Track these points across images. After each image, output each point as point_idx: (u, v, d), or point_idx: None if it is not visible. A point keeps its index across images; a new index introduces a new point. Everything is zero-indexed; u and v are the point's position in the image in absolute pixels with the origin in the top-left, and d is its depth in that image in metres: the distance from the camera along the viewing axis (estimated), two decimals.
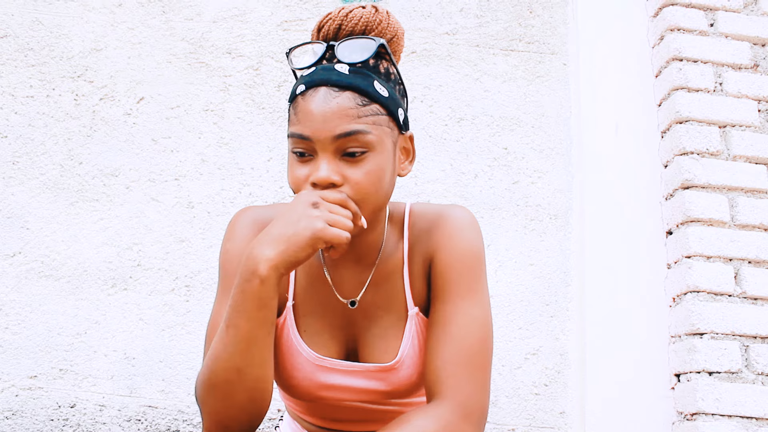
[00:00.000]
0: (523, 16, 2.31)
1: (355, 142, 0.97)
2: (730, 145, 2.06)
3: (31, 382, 1.86)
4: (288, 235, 0.91)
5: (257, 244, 0.93)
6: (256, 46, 2.19)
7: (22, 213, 1.98)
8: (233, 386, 0.93)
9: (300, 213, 0.93)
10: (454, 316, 1.03)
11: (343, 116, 0.97)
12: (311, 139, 0.97)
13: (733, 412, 1.81)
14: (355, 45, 1.02)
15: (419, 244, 1.11)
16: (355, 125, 0.97)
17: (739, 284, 1.94)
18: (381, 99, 1.01)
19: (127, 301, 1.94)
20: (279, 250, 0.91)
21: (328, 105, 0.97)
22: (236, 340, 0.92)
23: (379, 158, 1.00)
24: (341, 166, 0.98)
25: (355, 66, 1.01)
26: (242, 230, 1.10)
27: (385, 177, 1.01)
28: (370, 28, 1.05)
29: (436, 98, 2.20)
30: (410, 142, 1.10)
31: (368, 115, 0.99)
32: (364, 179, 0.98)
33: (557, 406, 1.97)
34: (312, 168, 0.99)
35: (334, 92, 0.98)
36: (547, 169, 2.17)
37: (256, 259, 0.91)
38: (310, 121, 0.97)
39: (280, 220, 0.94)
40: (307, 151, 0.99)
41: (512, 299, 2.04)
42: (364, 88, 0.99)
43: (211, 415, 0.95)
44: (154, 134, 2.09)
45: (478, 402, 0.98)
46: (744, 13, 2.19)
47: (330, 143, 0.97)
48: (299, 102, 1.00)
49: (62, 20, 2.16)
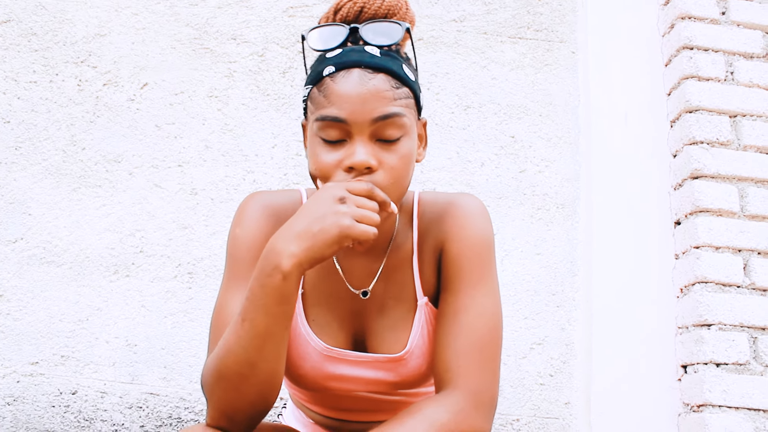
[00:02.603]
0: (532, 3, 2.28)
1: (392, 126, 0.96)
2: (740, 134, 2.04)
3: (32, 369, 1.85)
4: (314, 231, 0.87)
5: (280, 239, 0.89)
6: (261, 32, 2.17)
7: (24, 199, 1.97)
8: (245, 379, 0.90)
9: (326, 208, 0.89)
10: (464, 306, 1.01)
11: (380, 98, 0.95)
12: (347, 122, 0.94)
13: (740, 404, 1.79)
14: (383, 28, 1.00)
15: (429, 233, 1.09)
16: (392, 108, 0.96)
17: (748, 275, 1.91)
18: (410, 82, 1.00)
19: (129, 288, 1.92)
20: (304, 247, 0.87)
21: (365, 86, 0.95)
22: (252, 335, 0.88)
23: (411, 143, 0.99)
24: (376, 150, 0.96)
25: (384, 49, 1.00)
26: (252, 215, 1.08)
27: (413, 162, 1.01)
28: (392, 12, 1.03)
29: (442, 86, 2.18)
30: (424, 129, 1.09)
31: (402, 98, 0.98)
32: (398, 164, 0.96)
33: (562, 397, 1.95)
34: (345, 152, 0.96)
35: (369, 74, 0.96)
36: (555, 157, 2.14)
37: (279, 253, 0.87)
38: (346, 102, 0.94)
39: (305, 215, 0.89)
40: (340, 136, 0.96)
41: (518, 289, 2.02)
42: (396, 71, 0.98)
43: (217, 405, 0.93)
44: (158, 120, 2.07)
45: (488, 391, 0.97)
46: (756, 1, 2.16)
47: (367, 126, 0.95)
48: (329, 84, 0.97)
49: (66, 5, 2.14)
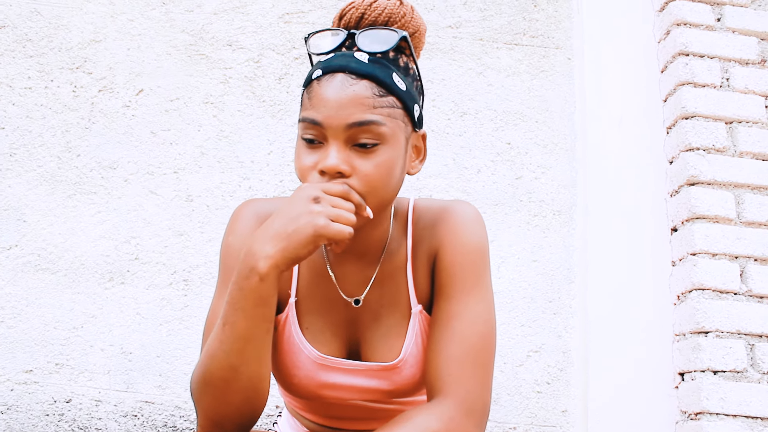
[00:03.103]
0: (528, 9, 2.28)
1: (368, 133, 0.95)
2: (736, 141, 2.04)
3: (26, 377, 1.83)
4: (288, 231, 0.88)
5: (256, 240, 0.90)
6: (256, 39, 2.17)
7: (18, 205, 1.96)
8: (229, 384, 0.90)
9: (301, 208, 0.90)
10: (457, 313, 1.01)
11: (358, 105, 0.94)
12: (323, 125, 0.95)
13: (738, 411, 1.78)
14: (377, 35, 1.00)
15: (423, 240, 1.09)
16: (369, 115, 0.95)
17: (745, 282, 1.91)
18: (398, 92, 0.99)
19: (124, 296, 1.92)
20: (279, 247, 0.88)
21: (345, 92, 0.95)
22: (233, 338, 0.89)
23: (391, 152, 0.97)
24: (351, 156, 0.95)
25: (375, 56, 0.99)
26: (245, 223, 1.08)
27: (394, 172, 0.99)
28: (393, 20, 1.03)
29: (438, 92, 2.17)
30: (422, 141, 1.08)
31: (384, 107, 0.96)
32: (373, 171, 0.95)
33: (559, 405, 1.94)
34: (321, 155, 0.96)
35: (352, 80, 0.96)
36: (551, 164, 2.14)
37: (255, 255, 0.88)
38: (324, 106, 0.95)
39: (280, 216, 0.90)
40: (317, 138, 0.96)
41: (515, 296, 2.01)
42: (383, 79, 0.97)
43: (205, 413, 0.93)
44: (153, 127, 2.06)
45: (480, 399, 0.96)
46: (751, 7, 2.16)
47: (342, 131, 0.94)
48: (314, 87, 0.98)
49: (61, 11, 2.13)
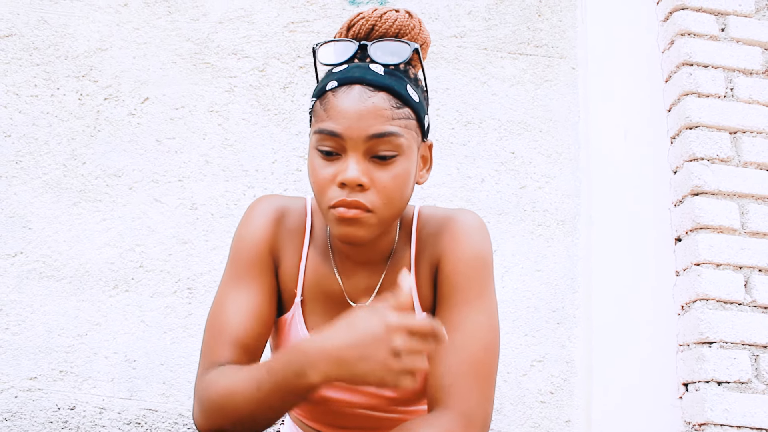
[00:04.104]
0: (532, 19, 2.29)
1: (388, 145, 0.96)
2: (740, 151, 2.03)
3: (30, 384, 1.84)
4: (355, 368, 0.82)
5: (319, 350, 0.84)
6: (262, 47, 2.18)
7: (24, 213, 1.97)
8: (243, 425, 0.91)
9: (378, 355, 0.81)
10: (459, 323, 1.01)
11: (378, 116, 0.95)
12: (342, 137, 0.95)
13: (742, 423, 1.78)
14: (390, 47, 1.01)
15: (427, 248, 1.09)
16: (389, 126, 0.95)
17: (749, 292, 1.91)
18: (412, 103, 1.00)
19: (128, 303, 1.92)
20: (338, 374, 0.83)
21: (364, 104, 0.95)
22: (264, 408, 0.89)
23: (407, 163, 0.99)
24: (370, 168, 0.96)
25: (389, 68, 1.00)
26: (259, 218, 1.10)
27: (409, 183, 1.00)
28: (403, 32, 1.03)
29: (443, 101, 2.18)
30: (429, 151, 1.09)
31: (401, 118, 0.97)
32: (391, 183, 0.96)
33: (563, 415, 1.94)
34: (339, 167, 0.96)
35: (370, 91, 0.96)
36: (555, 174, 2.14)
37: (314, 366, 0.83)
38: (343, 118, 0.95)
39: (354, 344, 0.82)
40: (335, 150, 0.97)
41: (518, 305, 2.01)
42: (399, 91, 0.98)
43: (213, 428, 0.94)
44: (159, 135, 2.07)
45: (481, 412, 0.96)
46: (756, 18, 2.16)
47: (362, 143, 0.95)
48: (330, 98, 0.98)
49: (68, 20, 2.15)
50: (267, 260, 1.09)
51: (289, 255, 1.11)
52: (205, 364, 1.00)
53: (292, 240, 1.11)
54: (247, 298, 1.05)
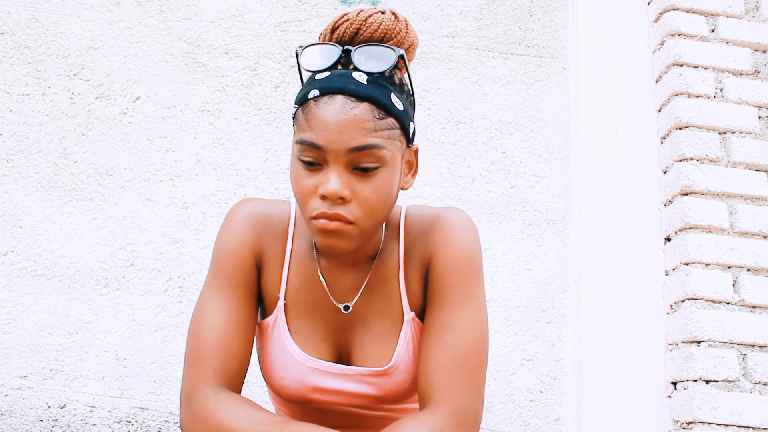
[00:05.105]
0: (523, 19, 2.29)
1: (370, 157, 0.94)
2: (730, 151, 2.04)
3: (20, 382, 1.84)
4: None
5: None
6: (253, 47, 2.18)
7: (15, 211, 1.97)
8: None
9: None
10: (449, 322, 1.01)
11: (359, 129, 0.93)
12: (324, 149, 0.94)
13: (729, 421, 1.79)
14: (374, 53, 0.98)
15: (415, 248, 1.09)
16: (371, 139, 0.94)
17: (738, 292, 1.92)
18: (396, 112, 0.98)
19: (119, 302, 1.92)
20: None
21: (345, 115, 0.93)
22: None
23: (389, 174, 0.97)
24: (351, 180, 0.95)
25: (374, 76, 0.97)
26: (239, 223, 1.09)
27: (392, 193, 0.99)
28: (389, 36, 1.01)
29: (434, 101, 2.18)
30: (415, 156, 1.08)
31: (383, 129, 0.96)
32: (373, 195, 0.96)
33: (552, 413, 1.95)
34: (320, 179, 0.95)
35: (352, 102, 0.94)
36: (546, 173, 2.15)
37: None
38: (324, 130, 0.93)
39: None
40: (317, 161, 0.95)
41: (508, 304, 2.02)
42: (382, 101, 0.96)
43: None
44: (150, 134, 2.07)
45: (471, 409, 0.96)
46: (745, 19, 2.18)
47: (343, 155, 0.93)
48: (311, 108, 0.96)
49: (59, 18, 2.15)
50: (249, 265, 1.08)
51: (272, 259, 1.10)
52: (196, 376, 1.00)
53: (275, 243, 1.10)
54: (229, 307, 1.04)
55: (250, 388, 1.76)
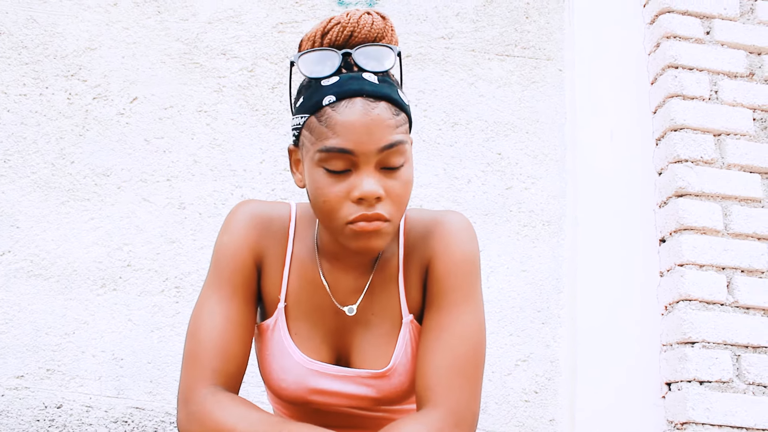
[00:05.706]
0: (519, 21, 2.30)
1: (396, 154, 0.96)
2: (724, 153, 2.05)
3: (17, 382, 1.84)
4: None
5: None
6: (250, 48, 2.19)
7: (12, 211, 1.97)
8: None
9: None
10: (448, 324, 1.02)
11: (384, 127, 0.94)
12: (354, 153, 0.94)
13: (723, 422, 1.80)
14: (374, 53, 0.99)
15: (415, 250, 1.10)
16: (396, 136, 0.95)
17: (732, 293, 1.93)
18: (406, 108, 1.00)
19: (116, 302, 1.93)
20: None
21: (369, 116, 0.94)
22: None
23: (410, 167, 1.00)
24: (382, 179, 0.96)
25: (381, 75, 0.99)
26: (239, 224, 1.10)
27: (412, 185, 1.02)
28: (380, 35, 1.01)
29: (430, 102, 2.19)
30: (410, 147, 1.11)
31: (401, 125, 0.97)
32: (402, 191, 0.97)
33: (547, 414, 1.96)
34: (352, 183, 0.95)
35: (372, 103, 0.95)
36: (541, 175, 2.16)
37: None
38: (352, 133, 0.93)
39: None
40: (346, 167, 0.95)
41: (504, 305, 2.03)
42: (395, 97, 0.97)
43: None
44: (147, 134, 2.08)
45: (469, 410, 0.97)
46: (740, 21, 2.19)
47: (373, 156, 0.94)
48: (331, 114, 0.95)
49: (57, 18, 2.15)
50: (249, 266, 1.09)
51: (272, 260, 1.10)
52: (194, 376, 1.00)
53: (275, 245, 1.11)
54: (228, 308, 1.05)
55: (246, 389, 1.76)
